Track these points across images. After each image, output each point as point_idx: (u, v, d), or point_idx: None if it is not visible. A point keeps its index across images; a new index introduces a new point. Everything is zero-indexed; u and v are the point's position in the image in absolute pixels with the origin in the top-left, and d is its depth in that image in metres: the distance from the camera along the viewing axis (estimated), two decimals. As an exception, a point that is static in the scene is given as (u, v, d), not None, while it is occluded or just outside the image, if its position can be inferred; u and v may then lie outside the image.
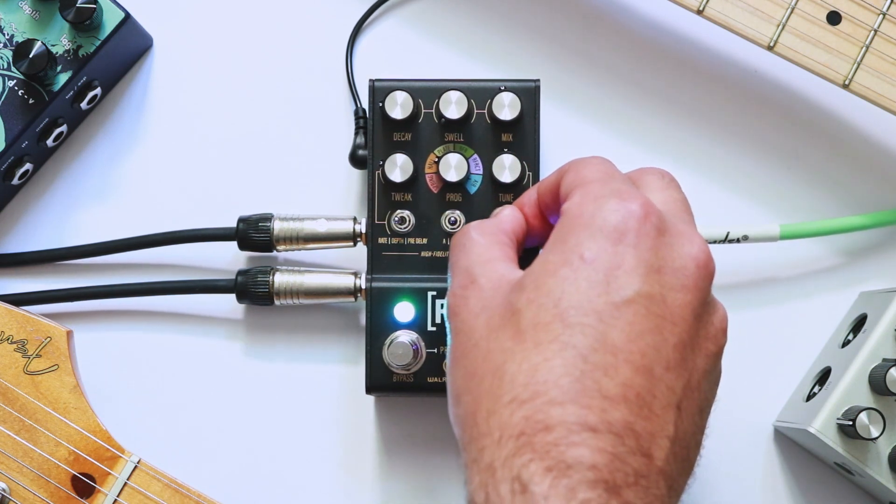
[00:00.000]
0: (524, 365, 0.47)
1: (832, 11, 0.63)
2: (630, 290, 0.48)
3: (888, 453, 0.61)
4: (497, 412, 0.47)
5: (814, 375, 0.66)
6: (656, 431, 0.47)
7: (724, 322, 0.51)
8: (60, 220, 0.69)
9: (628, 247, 0.49)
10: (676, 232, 0.51)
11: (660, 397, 0.47)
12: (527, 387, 0.47)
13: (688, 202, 0.55)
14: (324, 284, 0.65)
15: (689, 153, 0.70)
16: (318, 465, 0.68)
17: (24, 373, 0.63)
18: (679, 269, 0.49)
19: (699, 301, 0.50)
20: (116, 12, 0.66)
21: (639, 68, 0.70)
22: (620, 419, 0.46)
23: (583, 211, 0.51)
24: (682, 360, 0.48)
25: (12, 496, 0.62)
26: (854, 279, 0.69)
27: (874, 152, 0.70)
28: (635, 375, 0.47)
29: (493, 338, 0.50)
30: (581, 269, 0.48)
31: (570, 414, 0.46)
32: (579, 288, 0.48)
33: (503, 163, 0.64)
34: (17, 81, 0.65)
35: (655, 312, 0.48)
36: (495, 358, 0.49)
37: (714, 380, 0.51)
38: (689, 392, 0.49)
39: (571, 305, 0.48)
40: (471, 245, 0.54)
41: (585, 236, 0.49)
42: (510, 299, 0.50)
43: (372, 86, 0.65)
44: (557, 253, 0.50)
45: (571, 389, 0.46)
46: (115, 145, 0.70)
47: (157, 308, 0.69)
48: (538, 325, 0.48)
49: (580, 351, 0.47)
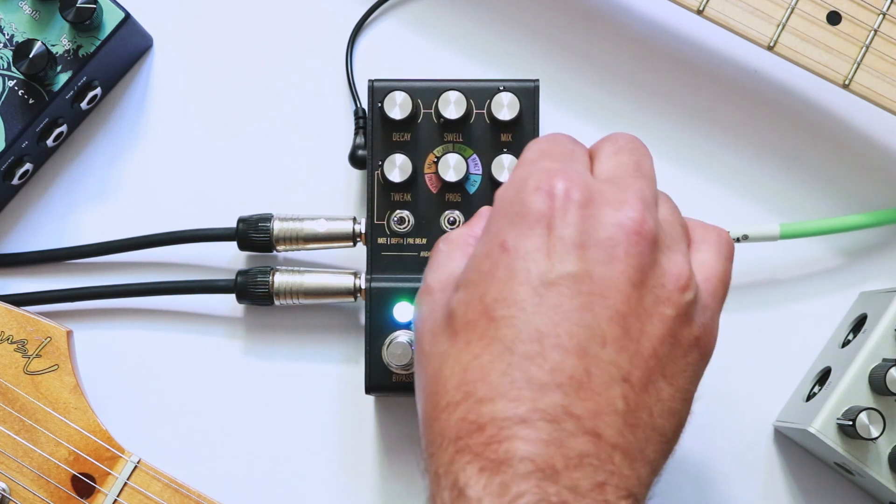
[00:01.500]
0: (456, 367, 0.47)
1: (832, 11, 0.63)
2: (552, 273, 0.47)
3: (888, 453, 0.61)
4: (437, 418, 0.47)
5: (814, 375, 0.66)
6: (600, 409, 0.46)
7: (680, 280, 0.49)
8: (60, 220, 0.69)
9: (547, 228, 0.47)
10: (603, 201, 0.48)
11: (598, 374, 0.46)
12: (459, 388, 0.46)
13: (640, 164, 0.52)
14: (323, 284, 0.65)
15: (689, 153, 0.70)
16: (317, 465, 0.68)
17: (24, 373, 0.63)
18: (605, 240, 0.47)
19: (634, 268, 0.47)
20: (116, 12, 0.66)
21: (639, 68, 0.70)
22: (553, 404, 0.45)
23: (504, 196, 0.49)
24: (622, 332, 0.47)
25: (12, 496, 0.62)
26: (854, 279, 0.69)
27: (874, 152, 0.70)
28: (565, 358, 0.46)
29: (434, 342, 0.49)
30: (501, 259, 0.47)
31: (499, 410, 0.45)
32: (501, 279, 0.47)
33: (502, 163, 0.64)
34: (17, 81, 0.65)
35: (582, 290, 0.47)
36: (434, 363, 0.48)
37: (683, 342, 0.49)
38: (640, 361, 0.47)
39: (495, 298, 0.47)
40: (435, 255, 0.53)
41: (505, 223, 0.48)
42: (450, 300, 0.49)
43: (371, 86, 0.65)
44: (482, 244, 0.49)
45: (500, 384, 0.45)
46: (115, 145, 0.70)
47: (157, 308, 0.69)
48: (468, 324, 0.47)
49: (506, 344, 0.46)
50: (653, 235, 0.48)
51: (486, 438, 0.45)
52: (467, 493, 0.44)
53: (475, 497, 0.44)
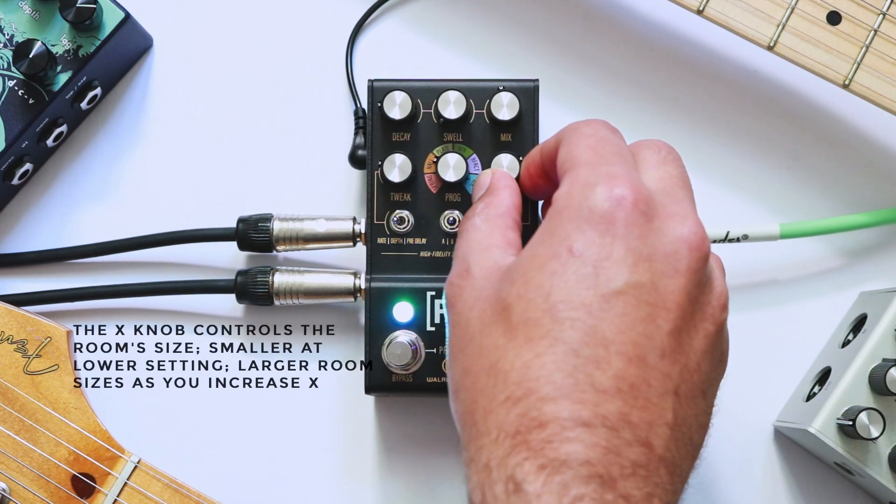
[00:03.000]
0: (517, 362, 0.47)
1: (832, 11, 0.63)
2: (619, 281, 0.48)
3: (888, 453, 0.61)
4: (493, 411, 0.47)
5: (814, 375, 0.66)
6: (654, 420, 0.47)
7: (722, 298, 0.51)
8: (60, 220, 0.69)
9: (616, 237, 0.48)
10: (666, 215, 0.50)
11: (655, 385, 0.47)
12: (520, 384, 0.47)
13: (685, 177, 0.54)
14: (323, 284, 0.65)
15: (689, 153, 0.69)
16: (318, 464, 0.68)
17: (24, 373, 0.63)
18: (670, 254, 0.49)
19: (693, 283, 0.49)
20: (116, 12, 0.66)
21: (639, 68, 0.70)
22: (615, 411, 0.46)
23: (570, 201, 0.50)
24: (677, 345, 0.48)
25: (12, 496, 0.62)
26: (854, 279, 0.69)
27: (874, 152, 0.70)
28: (628, 366, 0.47)
29: (486, 333, 0.49)
30: (570, 263, 0.48)
31: (563, 410, 0.46)
32: (568, 282, 0.48)
33: (502, 163, 0.64)
34: (17, 81, 0.65)
35: (647, 301, 0.48)
36: (489, 355, 0.49)
37: (716, 357, 0.51)
38: (687, 375, 0.48)
39: (561, 300, 0.48)
40: (473, 231, 0.54)
41: (573, 228, 0.49)
42: (500, 292, 0.50)
43: (371, 86, 0.65)
44: (546, 245, 0.49)
45: (564, 385, 0.46)
46: (115, 145, 0.70)
47: (157, 308, 0.69)
48: (528, 321, 0.48)
49: (571, 346, 0.47)
50: (708, 253, 0.50)
51: (546, 436, 0.45)
52: (525, 488, 0.45)
53: (534, 493, 0.44)
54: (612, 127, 0.55)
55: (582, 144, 0.53)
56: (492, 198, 0.57)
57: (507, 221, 0.55)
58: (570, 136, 0.54)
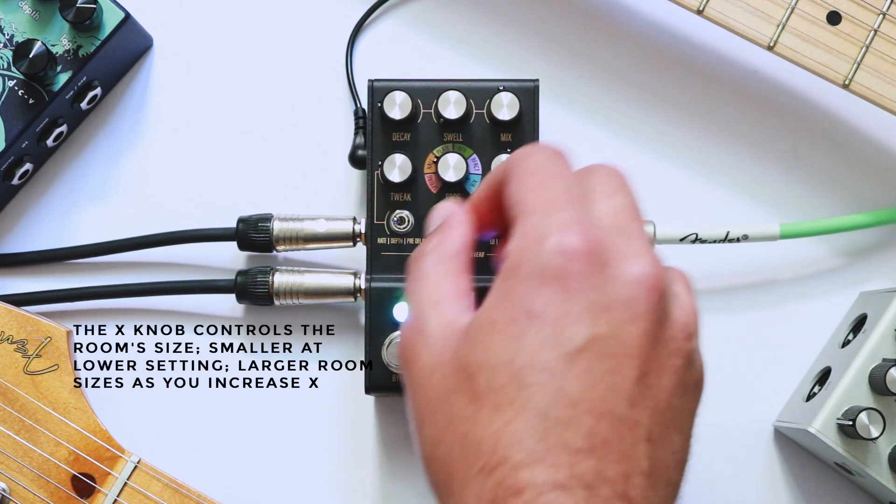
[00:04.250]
0: (487, 431, 0.47)
1: (832, 11, 0.63)
2: (580, 338, 0.47)
3: (888, 453, 0.61)
4: (469, 482, 0.47)
5: (814, 375, 0.66)
6: (629, 471, 0.46)
7: (687, 328, 0.49)
8: (60, 220, 0.69)
9: (572, 293, 0.47)
10: (620, 257, 0.48)
11: (627, 436, 0.46)
12: (493, 454, 0.46)
13: (635, 205, 0.52)
14: (323, 284, 0.65)
15: (689, 153, 0.70)
16: (317, 465, 0.68)
17: (24, 373, 0.63)
18: (628, 300, 0.47)
19: (653, 323, 0.48)
20: (116, 12, 0.66)
21: (639, 68, 0.70)
22: (590, 470, 0.45)
23: (522, 259, 0.49)
24: (645, 389, 0.47)
25: (12, 496, 0.62)
26: (854, 279, 0.69)
27: (874, 152, 0.70)
28: (598, 422, 0.46)
29: (451, 401, 0.48)
30: (529, 326, 0.47)
31: (538, 475, 0.45)
32: (530, 346, 0.47)
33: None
34: (17, 81, 0.65)
35: (609, 353, 0.47)
36: (459, 426, 0.48)
37: (689, 388, 0.50)
38: (658, 417, 0.48)
39: (524, 365, 0.47)
40: (423, 279, 0.52)
41: (529, 288, 0.48)
42: (462, 359, 0.49)
43: (371, 86, 0.65)
44: (504, 309, 0.48)
45: (536, 450, 0.45)
46: (115, 145, 0.70)
47: (157, 308, 0.69)
48: (494, 389, 0.47)
49: (539, 410, 0.46)
50: (666, 287, 0.49)
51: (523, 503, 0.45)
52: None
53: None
54: (558, 153, 0.52)
55: (530, 184, 0.51)
56: (442, 237, 0.54)
57: (457, 265, 0.53)
58: (517, 172, 0.52)
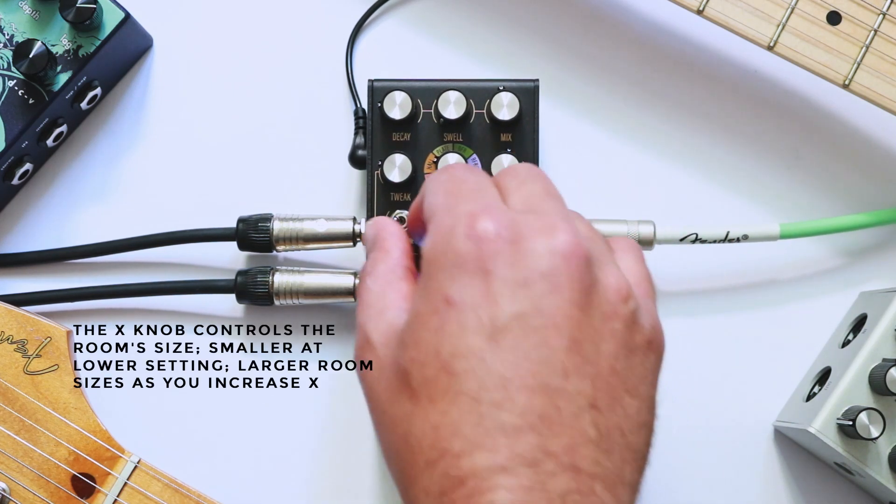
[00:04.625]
0: (426, 426, 0.47)
1: (832, 11, 0.63)
2: (501, 317, 0.47)
3: (888, 453, 0.61)
4: (417, 478, 0.47)
5: (814, 375, 0.66)
6: (575, 442, 0.46)
7: (620, 292, 0.49)
8: (60, 220, 0.69)
9: (487, 274, 0.47)
10: (533, 232, 0.48)
11: (566, 407, 0.46)
12: (434, 447, 0.46)
13: (550, 188, 0.52)
14: (323, 284, 0.65)
15: (689, 153, 0.70)
16: (317, 465, 0.68)
17: (24, 373, 0.63)
18: (545, 273, 0.47)
19: (579, 292, 0.47)
20: (116, 12, 0.66)
21: (639, 68, 0.70)
22: (530, 447, 0.45)
23: (435, 251, 0.49)
24: (580, 359, 0.47)
25: (12, 496, 0.62)
26: (854, 279, 0.69)
27: (874, 152, 0.70)
28: (532, 398, 0.46)
29: (394, 403, 0.49)
30: (449, 314, 0.47)
31: (478, 461, 0.45)
32: (453, 333, 0.47)
33: (502, 163, 0.64)
34: (17, 81, 0.65)
35: (534, 327, 0.47)
36: (401, 425, 0.48)
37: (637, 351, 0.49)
38: (602, 383, 0.47)
39: (451, 353, 0.47)
40: (366, 295, 0.53)
41: (445, 277, 0.48)
42: (398, 359, 0.49)
43: (371, 86, 0.65)
44: (425, 302, 0.49)
45: (474, 436, 0.45)
46: (115, 145, 0.70)
47: (157, 308, 0.69)
48: (427, 382, 0.47)
49: (472, 395, 0.46)
50: (587, 254, 0.48)
51: (468, 491, 0.45)
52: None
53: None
54: (471, 166, 0.54)
55: (440, 191, 0.51)
56: (378, 252, 0.54)
57: (397, 273, 0.53)
58: (429, 185, 0.52)
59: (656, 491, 0.67)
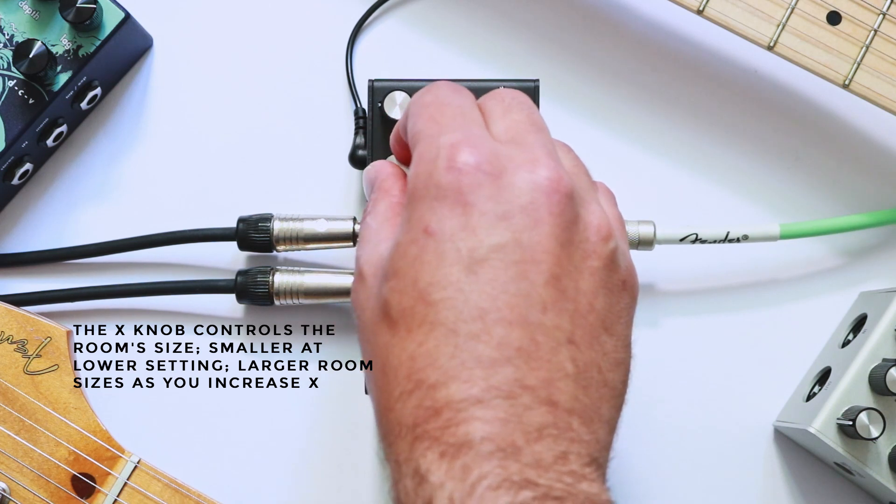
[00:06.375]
0: (403, 356, 0.46)
1: (832, 11, 0.63)
2: (481, 249, 0.46)
3: (888, 453, 0.61)
4: (392, 408, 0.46)
5: (814, 375, 0.66)
6: (551, 376, 0.45)
7: (601, 231, 0.49)
8: (60, 220, 0.69)
9: (467, 206, 0.47)
10: (515, 165, 0.48)
11: (544, 341, 0.46)
12: (409, 378, 0.46)
13: (535, 119, 0.51)
14: (324, 284, 0.65)
15: (689, 153, 0.70)
16: (318, 465, 0.68)
17: (24, 373, 0.63)
18: (527, 206, 0.47)
19: (560, 227, 0.47)
20: (116, 12, 0.66)
21: (639, 68, 0.70)
22: (507, 379, 0.45)
23: (417, 182, 0.49)
24: (559, 293, 0.47)
25: (12, 496, 0.62)
26: (854, 279, 0.69)
27: (874, 152, 0.70)
28: (510, 331, 0.45)
29: (376, 332, 0.48)
30: (428, 244, 0.47)
31: (453, 392, 0.45)
32: (431, 263, 0.47)
33: (503, 163, 0.64)
34: (17, 81, 0.65)
35: (513, 260, 0.46)
36: (381, 354, 0.48)
37: (614, 290, 0.49)
38: (580, 319, 0.47)
39: (429, 283, 0.46)
40: (365, 231, 0.53)
41: (425, 208, 0.48)
42: (381, 289, 0.49)
43: (371, 86, 0.64)
44: (405, 232, 0.48)
45: (450, 367, 0.45)
46: (115, 145, 0.70)
47: (157, 308, 0.69)
48: (405, 312, 0.47)
49: (448, 326, 0.46)
50: (570, 190, 0.48)
51: (443, 423, 0.44)
52: (430, 479, 0.44)
53: (437, 482, 0.44)
54: (457, 86, 0.53)
55: (423, 116, 0.51)
56: (378, 192, 0.54)
57: (396, 211, 0.53)
58: (412, 108, 0.52)
59: (657, 490, 0.67)
